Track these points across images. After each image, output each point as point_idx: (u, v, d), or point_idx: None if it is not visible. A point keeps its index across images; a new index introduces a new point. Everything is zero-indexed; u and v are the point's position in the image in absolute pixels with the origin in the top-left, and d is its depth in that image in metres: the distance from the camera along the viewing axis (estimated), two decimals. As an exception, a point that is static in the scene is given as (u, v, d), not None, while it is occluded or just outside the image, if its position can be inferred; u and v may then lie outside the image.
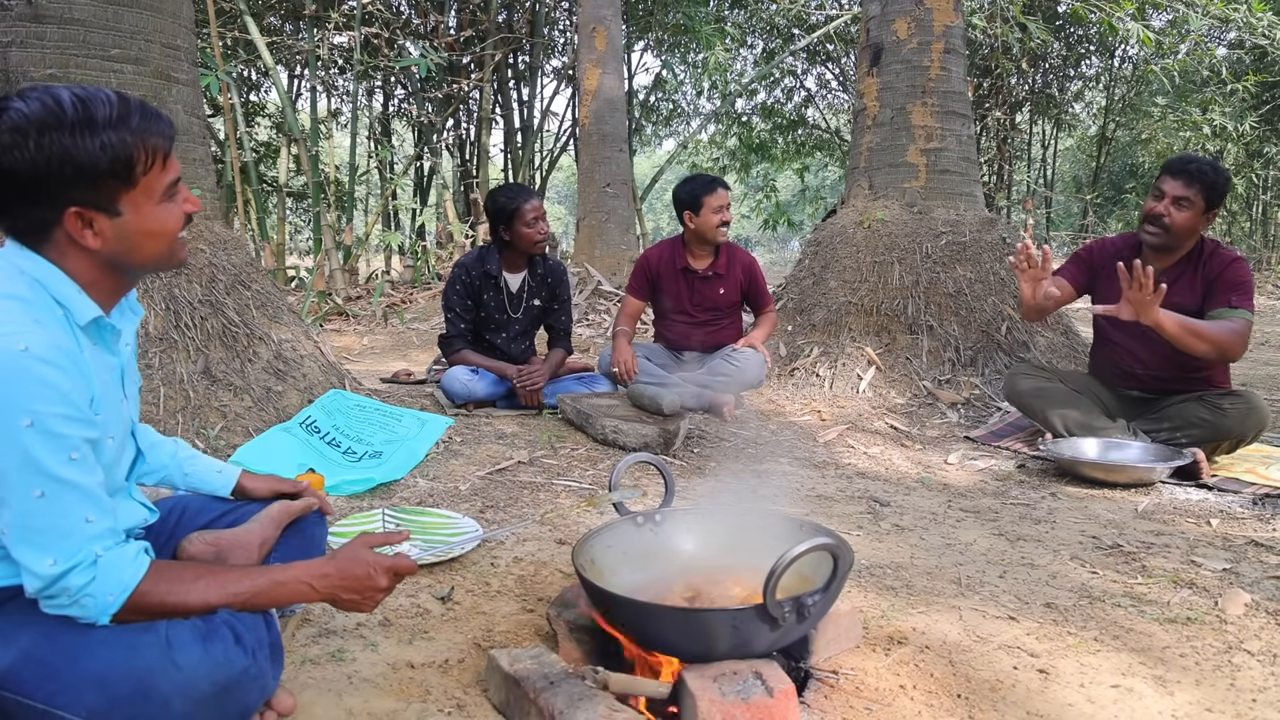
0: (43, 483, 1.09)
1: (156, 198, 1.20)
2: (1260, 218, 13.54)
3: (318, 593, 1.28)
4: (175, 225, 1.24)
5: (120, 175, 1.15)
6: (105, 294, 1.24)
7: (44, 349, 1.09)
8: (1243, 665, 1.63)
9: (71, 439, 1.11)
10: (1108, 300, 3.21)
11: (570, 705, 1.28)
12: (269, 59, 7.68)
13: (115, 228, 1.18)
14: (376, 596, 1.32)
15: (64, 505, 1.11)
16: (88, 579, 1.13)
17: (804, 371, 4.26)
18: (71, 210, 1.14)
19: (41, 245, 1.18)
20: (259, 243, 7.71)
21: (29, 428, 1.07)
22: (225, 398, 2.84)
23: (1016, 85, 12.22)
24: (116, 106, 1.15)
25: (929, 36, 4.55)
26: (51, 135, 1.10)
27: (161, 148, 1.19)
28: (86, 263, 1.19)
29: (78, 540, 1.12)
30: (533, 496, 2.63)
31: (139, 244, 1.21)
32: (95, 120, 1.12)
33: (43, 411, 1.08)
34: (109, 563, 1.15)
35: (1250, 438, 2.98)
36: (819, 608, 1.40)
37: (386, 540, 1.39)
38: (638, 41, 12.23)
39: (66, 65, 2.76)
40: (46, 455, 1.09)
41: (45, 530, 1.10)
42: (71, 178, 1.12)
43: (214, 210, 3.25)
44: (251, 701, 1.22)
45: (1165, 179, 3.03)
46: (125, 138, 1.14)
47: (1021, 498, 2.77)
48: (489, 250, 3.71)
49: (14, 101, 1.11)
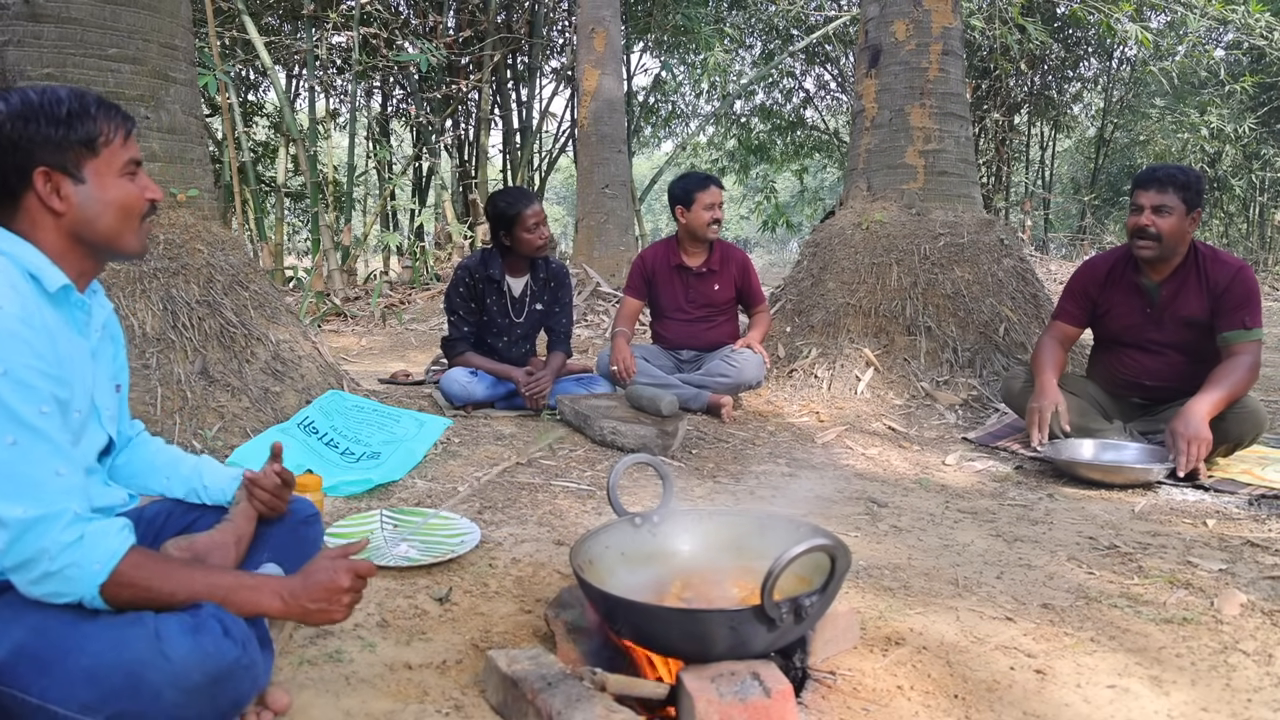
0: (14, 429, 1.13)
1: (117, 170, 1.32)
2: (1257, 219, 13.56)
3: (287, 607, 1.29)
4: (135, 203, 1.34)
5: (84, 143, 1.29)
6: (74, 270, 1.32)
7: (17, 309, 1.17)
8: (1238, 665, 1.64)
9: (42, 392, 1.17)
10: (1112, 315, 3.23)
11: (568, 706, 1.28)
12: (267, 59, 7.68)
13: (79, 194, 1.29)
14: (343, 598, 1.32)
15: (35, 454, 1.15)
16: (73, 537, 1.15)
17: (802, 372, 4.26)
18: (40, 169, 1.26)
19: (13, 218, 1.28)
20: (257, 243, 7.70)
21: (1, 376, 1.12)
22: (223, 398, 2.83)
23: (1015, 87, 12.23)
24: (77, 94, 1.31)
25: (927, 38, 4.56)
26: (24, 116, 1.25)
27: (122, 126, 1.33)
28: (54, 232, 1.29)
29: (49, 491, 1.15)
30: (531, 497, 2.63)
31: (101, 212, 1.31)
32: (60, 100, 1.28)
33: (15, 362, 1.14)
34: (96, 530, 1.17)
35: (1248, 441, 2.98)
36: (817, 609, 1.40)
37: (345, 552, 1.39)
38: (637, 42, 12.22)
39: (64, 64, 2.75)
40: (19, 403, 1.14)
41: (14, 477, 1.13)
42: (41, 144, 1.26)
43: (211, 210, 3.24)
44: (244, 692, 1.23)
45: (1138, 193, 3.04)
46: (88, 111, 1.29)
47: (1019, 499, 2.77)
48: (491, 254, 3.71)
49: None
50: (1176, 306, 3.09)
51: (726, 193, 3.91)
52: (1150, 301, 3.14)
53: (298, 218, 11.85)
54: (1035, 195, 13.98)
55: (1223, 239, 13.89)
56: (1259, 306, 3.01)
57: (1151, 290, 3.13)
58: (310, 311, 6.86)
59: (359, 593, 1.35)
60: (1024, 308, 4.36)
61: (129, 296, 2.82)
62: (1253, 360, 2.95)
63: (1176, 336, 3.12)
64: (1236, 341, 2.97)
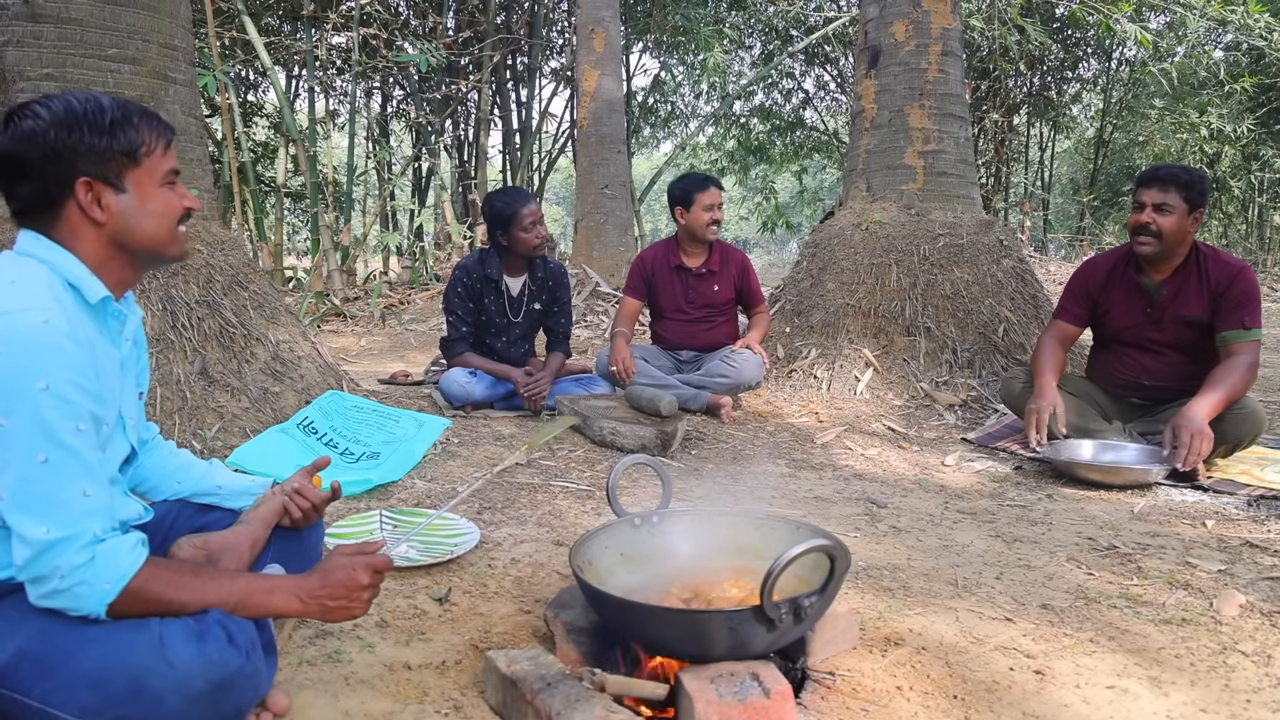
0: (48, 448, 1.13)
1: (158, 179, 1.32)
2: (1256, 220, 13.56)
3: (305, 606, 1.30)
4: (175, 210, 1.34)
5: (127, 153, 1.28)
6: (113, 279, 1.31)
7: (62, 323, 1.16)
8: (1237, 666, 1.64)
9: (81, 409, 1.16)
10: (1112, 315, 3.23)
11: (567, 706, 1.28)
12: (267, 59, 7.68)
13: (120, 203, 1.28)
14: (363, 595, 1.33)
15: (65, 474, 1.14)
16: (85, 559, 1.14)
17: (801, 373, 4.26)
18: (82, 179, 1.25)
19: (53, 227, 1.27)
20: (256, 243, 7.69)
21: (44, 390, 1.12)
22: (222, 398, 2.83)
23: (1014, 87, 12.23)
24: (120, 103, 1.30)
25: (927, 39, 4.56)
26: (67, 125, 1.24)
27: (163, 135, 1.33)
28: (95, 242, 1.28)
29: (74, 512, 1.14)
30: (530, 498, 2.63)
31: (141, 222, 1.30)
32: (104, 109, 1.27)
33: (59, 377, 1.13)
34: (108, 550, 1.16)
35: (1247, 441, 2.98)
36: (816, 609, 1.40)
37: (360, 550, 1.39)
38: (636, 43, 12.23)
39: (63, 65, 2.75)
40: (56, 420, 1.13)
41: (43, 497, 1.12)
42: (84, 153, 1.25)
43: (211, 210, 3.25)
44: (246, 700, 1.23)
45: (1140, 191, 3.05)
46: (130, 120, 1.29)
47: (1018, 499, 2.78)
48: (489, 254, 3.71)
49: (36, 103, 1.26)
50: (1177, 306, 3.09)
51: (726, 194, 3.91)
52: (1150, 301, 3.14)
53: (297, 218, 11.85)
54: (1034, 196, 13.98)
55: (1222, 240, 13.89)
56: (1259, 307, 3.01)
57: (1152, 290, 3.13)
58: (310, 312, 6.86)
59: (377, 588, 1.36)
60: (1023, 308, 4.36)
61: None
62: (1252, 360, 2.95)
63: (1176, 336, 3.12)
64: (1236, 341, 2.97)
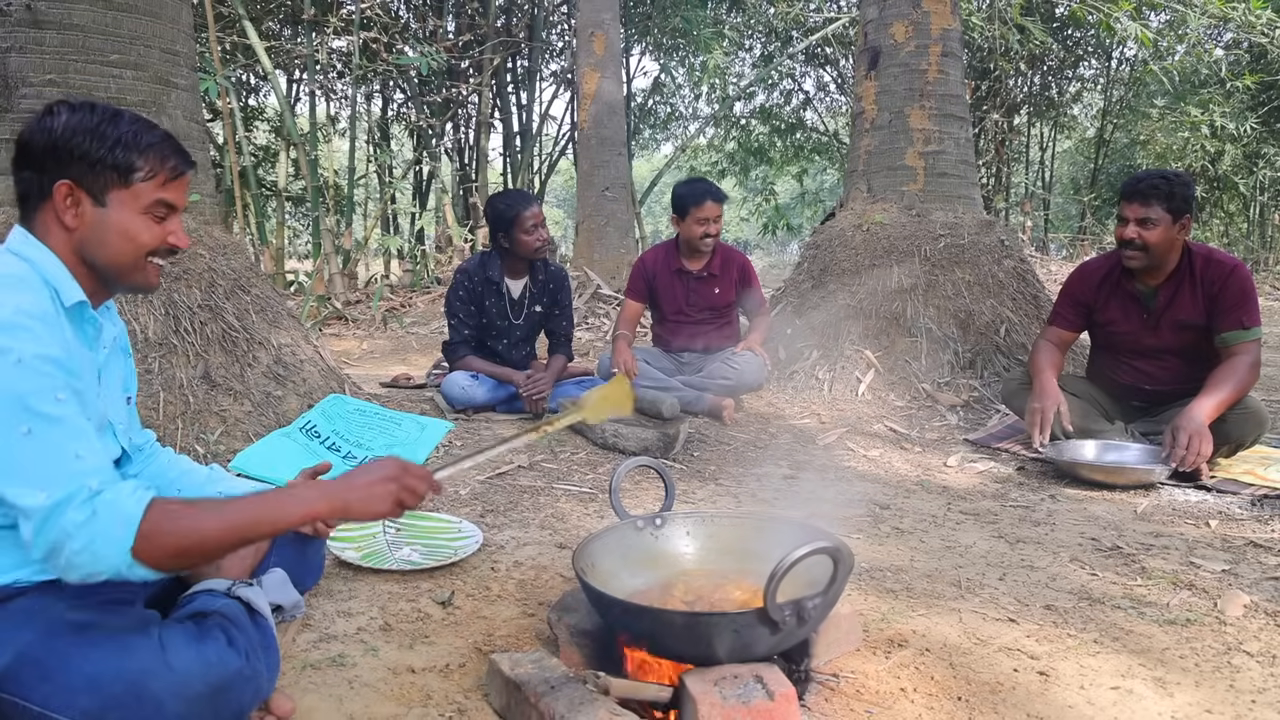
0: (29, 419, 1.12)
1: (142, 207, 1.29)
2: (1258, 219, 13.54)
3: (330, 504, 1.24)
4: (148, 240, 1.31)
5: (118, 170, 1.27)
6: (87, 287, 1.31)
7: (34, 309, 1.17)
8: (1242, 666, 1.64)
9: (57, 380, 1.15)
10: (1110, 324, 3.22)
11: (571, 709, 1.28)
12: (268, 63, 7.69)
13: (94, 216, 1.28)
14: (389, 488, 1.26)
15: (51, 441, 1.13)
16: (87, 514, 1.09)
17: (803, 374, 4.26)
18: (65, 181, 1.26)
19: (34, 221, 1.29)
20: (258, 247, 7.70)
21: (17, 364, 1.12)
22: (225, 403, 2.84)
23: (1014, 87, 12.23)
24: (145, 127, 1.30)
25: (926, 39, 4.56)
26: (75, 128, 1.25)
27: (168, 170, 1.31)
28: (63, 246, 1.28)
29: (68, 474, 1.11)
30: (533, 500, 2.63)
31: (108, 240, 1.29)
32: (118, 124, 1.27)
33: (31, 352, 1.13)
34: (107, 501, 1.12)
35: (1250, 441, 2.98)
36: (819, 611, 1.40)
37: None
38: (636, 45, 12.24)
39: (66, 71, 2.76)
40: (33, 392, 1.12)
41: (33, 465, 1.11)
42: (79, 158, 1.25)
43: (213, 215, 3.25)
44: (246, 703, 1.23)
45: (1124, 205, 3.02)
46: (137, 143, 1.28)
47: (1021, 500, 2.77)
48: (490, 256, 3.71)
49: (67, 103, 1.28)
50: (1173, 311, 3.07)
51: (727, 195, 3.91)
52: (1147, 308, 3.13)
53: (299, 222, 11.85)
54: (1035, 196, 13.98)
55: (1223, 238, 13.87)
56: (1256, 305, 2.99)
57: (1147, 296, 3.12)
58: (311, 315, 6.86)
59: (412, 492, 1.29)
60: (1024, 308, 4.36)
61: (131, 302, 2.82)
62: (1253, 360, 2.94)
63: (1175, 341, 3.11)
64: (1236, 342, 2.95)
